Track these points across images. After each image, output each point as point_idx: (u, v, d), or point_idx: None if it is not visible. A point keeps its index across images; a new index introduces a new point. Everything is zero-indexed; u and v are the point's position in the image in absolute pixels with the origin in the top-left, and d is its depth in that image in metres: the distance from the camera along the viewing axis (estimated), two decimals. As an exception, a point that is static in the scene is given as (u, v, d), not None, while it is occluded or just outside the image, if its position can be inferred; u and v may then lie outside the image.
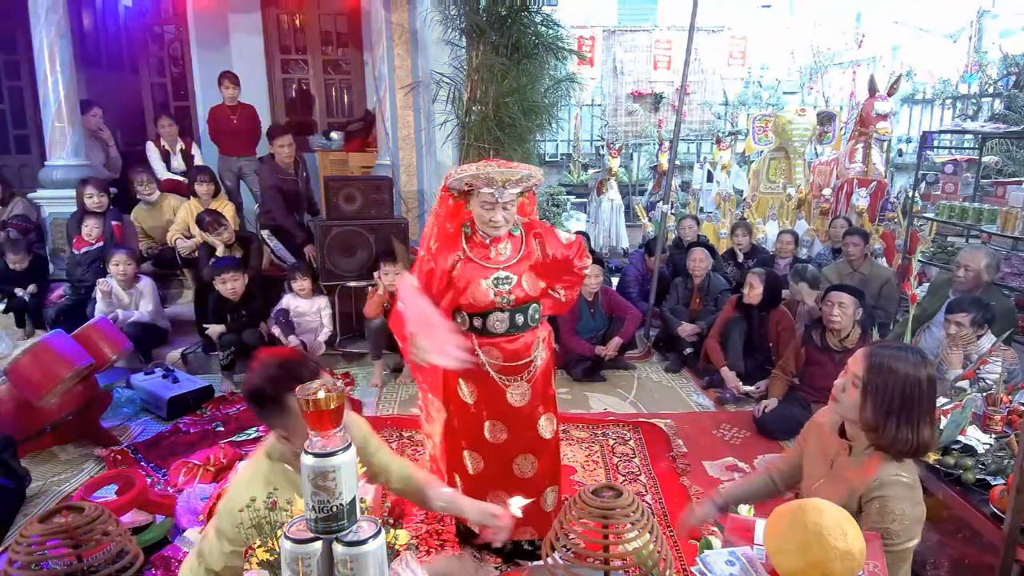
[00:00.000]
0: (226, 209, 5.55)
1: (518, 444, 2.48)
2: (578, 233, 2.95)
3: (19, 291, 5.07)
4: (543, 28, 4.97)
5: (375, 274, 4.73)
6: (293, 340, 4.57)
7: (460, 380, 2.46)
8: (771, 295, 4.35)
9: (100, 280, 4.61)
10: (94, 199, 5.21)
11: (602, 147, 10.24)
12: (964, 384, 3.08)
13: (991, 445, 2.38)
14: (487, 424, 2.47)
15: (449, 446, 2.58)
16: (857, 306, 3.71)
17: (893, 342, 1.91)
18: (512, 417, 2.45)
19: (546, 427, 2.51)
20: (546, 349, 2.52)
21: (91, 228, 5.02)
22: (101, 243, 5.01)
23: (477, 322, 2.40)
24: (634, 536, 1.32)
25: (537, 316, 2.48)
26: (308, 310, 4.75)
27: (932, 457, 2.33)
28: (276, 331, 4.58)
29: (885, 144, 7.13)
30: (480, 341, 2.40)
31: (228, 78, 6.33)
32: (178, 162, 6.41)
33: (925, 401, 1.78)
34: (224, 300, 4.54)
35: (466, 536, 2.70)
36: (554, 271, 2.49)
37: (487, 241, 2.38)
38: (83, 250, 5.03)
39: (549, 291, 2.53)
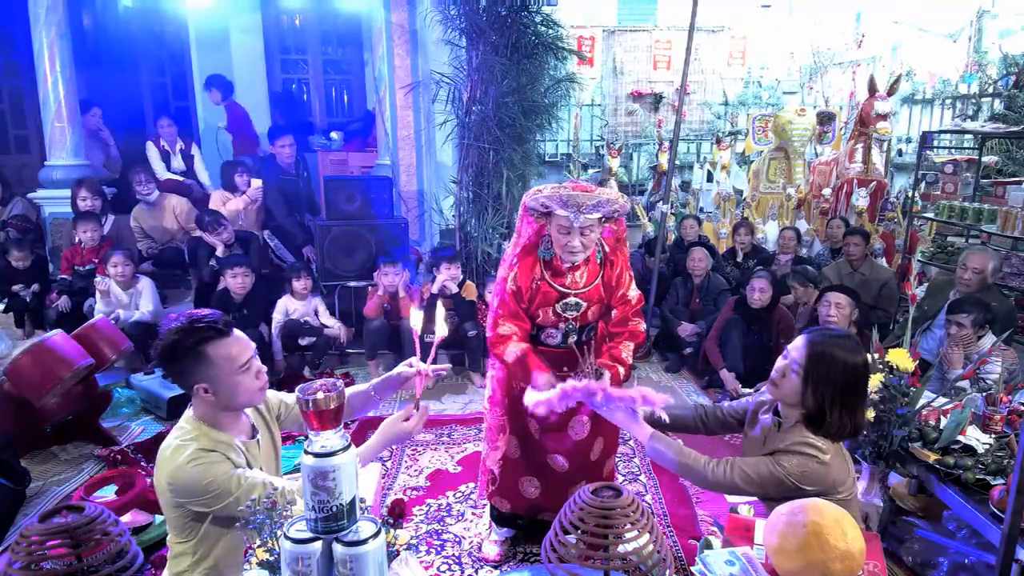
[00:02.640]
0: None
1: (552, 442, 2.51)
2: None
3: (18, 288, 5.05)
4: (543, 28, 4.97)
5: (375, 274, 4.72)
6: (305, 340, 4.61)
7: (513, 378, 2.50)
8: (773, 295, 4.36)
9: (98, 279, 4.61)
10: (87, 201, 5.22)
11: (602, 147, 10.22)
12: (964, 384, 3.08)
13: (991, 445, 2.38)
14: (530, 417, 2.50)
15: (499, 428, 2.63)
16: (853, 307, 3.71)
17: (832, 328, 2.00)
18: (549, 419, 2.45)
19: (579, 431, 2.51)
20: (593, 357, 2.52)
21: (88, 232, 5.01)
22: (96, 262, 4.97)
23: (532, 331, 2.43)
24: (634, 536, 1.33)
25: (593, 334, 2.50)
26: (304, 312, 4.75)
27: (932, 457, 2.34)
28: (303, 341, 4.61)
29: (885, 144, 7.13)
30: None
31: (212, 83, 6.45)
32: (178, 162, 6.41)
33: (862, 387, 1.86)
34: (226, 300, 4.53)
35: (500, 519, 2.72)
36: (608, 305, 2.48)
37: (565, 267, 2.34)
38: (78, 268, 5.01)
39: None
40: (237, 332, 1.79)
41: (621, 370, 2.33)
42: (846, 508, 1.77)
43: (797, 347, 1.89)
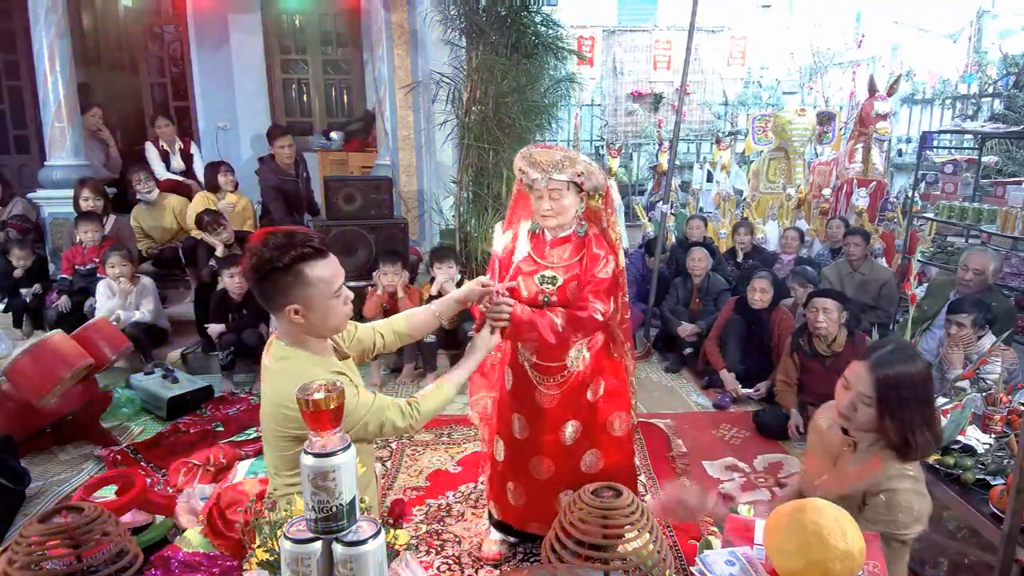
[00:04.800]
0: (242, 201, 5.68)
1: (537, 445, 2.47)
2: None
3: (22, 288, 5.05)
4: (543, 28, 4.97)
5: (374, 274, 4.72)
6: None
7: (507, 367, 2.49)
8: (774, 296, 4.36)
9: (101, 285, 4.61)
10: (90, 202, 5.22)
11: (602, 147, 10.23)
12: (964, 384, 3.09)
13: (991, 445, 2.38)
14: (515, 417, 2.48)
15: (490, 430, 2.62)
16: (841, 310, 3.71)
17: (887, 346, 1.83)
18: (537, 417, 2.44)
19: (571, 435, 2.45)
20: (591, 359, 2.42)
21: (89, 232, 5.01)
22: (96, 261, 4.96)
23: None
24: (634, 536, 1.33)
25: None
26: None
27: (932, 457, 2.34)
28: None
29: (885, 144, 7.13)
30: None
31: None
32: (177, 162, 6.41)
33: (931, 397, 1.79)
34: (226, 299, 4.53)
35: (496, 525, 2.71)
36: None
37: (547, 239, 2.35)
38: (79, 267, 5.01)
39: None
40: (331, 255, 1.71)
41: (519, 310, 2.17)
42: (910, 544, 1.72)
43: (859, 377, 1.77)
